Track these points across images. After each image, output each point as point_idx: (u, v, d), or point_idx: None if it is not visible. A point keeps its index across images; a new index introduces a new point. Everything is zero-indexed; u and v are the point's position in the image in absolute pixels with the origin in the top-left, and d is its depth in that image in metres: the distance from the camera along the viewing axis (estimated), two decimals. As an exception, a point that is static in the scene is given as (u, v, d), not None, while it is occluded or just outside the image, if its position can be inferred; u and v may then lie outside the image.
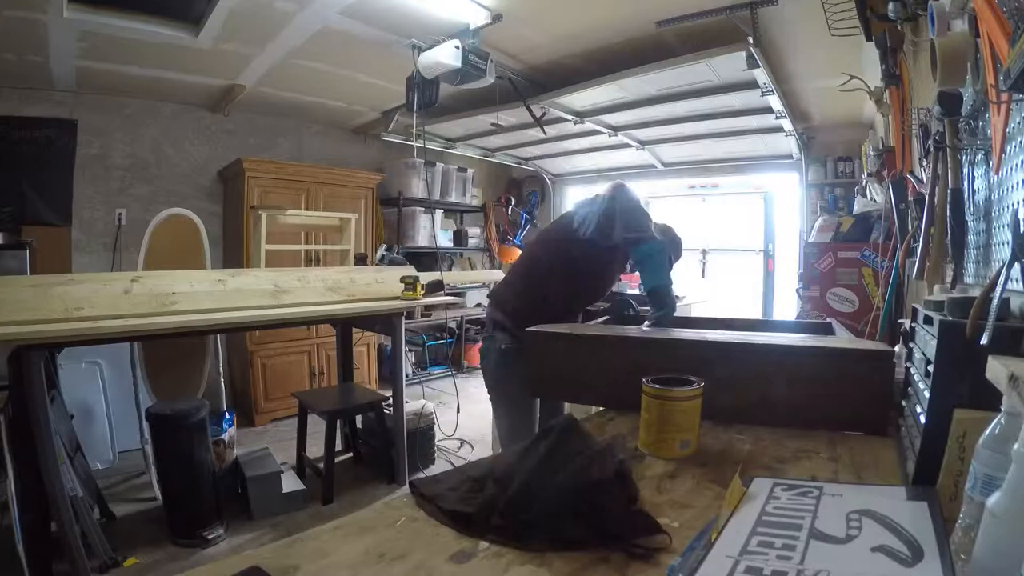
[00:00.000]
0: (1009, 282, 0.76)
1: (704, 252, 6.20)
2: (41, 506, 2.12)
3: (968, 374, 0.68)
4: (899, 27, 2.02)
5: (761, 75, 3.24)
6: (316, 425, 3.26)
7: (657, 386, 1.04)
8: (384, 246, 4.89)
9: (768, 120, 4.25)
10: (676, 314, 1.89)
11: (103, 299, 2.43)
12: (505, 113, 4.47)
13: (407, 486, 1.08)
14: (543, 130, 4.57)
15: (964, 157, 1.33)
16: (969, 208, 1.32)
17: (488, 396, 2.10)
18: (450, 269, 6.45)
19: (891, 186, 2.14)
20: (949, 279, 1.39)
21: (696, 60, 3.21)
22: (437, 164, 5.99)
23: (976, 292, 0.82)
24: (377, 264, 4.21)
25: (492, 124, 4.79)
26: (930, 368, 0.79)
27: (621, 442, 1.10)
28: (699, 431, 1.05)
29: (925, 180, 1.59)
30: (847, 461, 0.96)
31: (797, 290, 4.05)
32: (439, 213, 6.02)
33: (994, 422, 0.55)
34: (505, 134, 5.24)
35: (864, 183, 3.72)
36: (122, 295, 2.50)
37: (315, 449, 3.35)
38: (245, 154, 4.53)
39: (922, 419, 0.79)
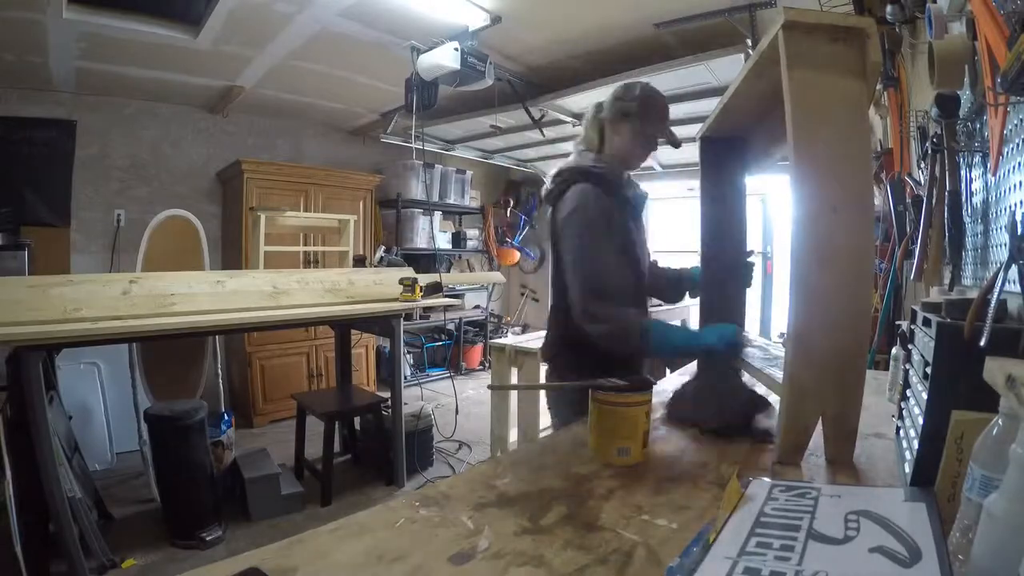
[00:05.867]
0: (1007, 284, 0.76)
1: (703, 254, 6.19)
2: (39, 507, 2.11)
3: (966, 376, 0.67)
4: (897, 29, 2.03)
5: (760, 77, 3.25)
6: (314, 427, 3.26)
7: (600, 391, 1.04)
8: (383, 247, 4.90)
9: (767, 122, 4.26)
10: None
11: (102, 300, 2.42)
12: (504, 115, 4.47)
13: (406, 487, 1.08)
14: (542, 132, 4.57)
15: (962, 159, 1.33)
16: (967, 210, 1.32)
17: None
18: (448, 271, 6.46)
19: (889, 188, 2.14)
20: (947, 281, 1.39)
21: (695, 62, 3.22)
22: (436, 166, 5.99)
23: (974, 294, 0.82)
24: (376, 266, 4.22)
25: (491, 126, 4.80)
26: (928, 370, 0.79)
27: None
28: (646, 439, 1.03)
29: (923, 182, 1.60)
30: (845, 462, 0.96)
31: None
32: (438, 215, 6.03)
33: (992, 423, 0.55)
34: (504, 136, 5.24)
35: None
36: (121, 296, 2.50)
37: (313, 450, 3.35)
38: (244, 155, 4.53)
39: (920, 421, 0.79)
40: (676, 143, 1.66)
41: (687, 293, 1.84)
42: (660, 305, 2.34)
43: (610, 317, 1.44)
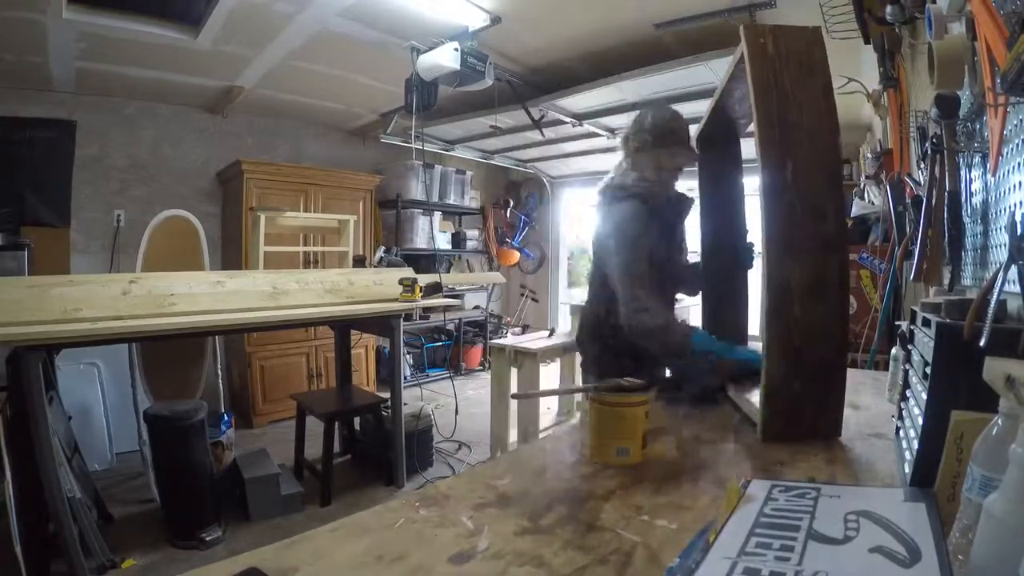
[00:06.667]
0: (1006, 284, 0.76)
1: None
2: (39, 507, 2.11)
3: (965, 376, 0.68)
4: (897, 30, 2.03)
5: (759, 78, 3.25)
6: (314, 427, 3.26)
7: (600, 392, 1.04)
8: (382, 248, 4.90)
9: (766, 123, 4.25)
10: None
11: (101, 300, 2.42)
12: (504, 115, 4.47)
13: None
14: (542, 132, 4.57)
15: (961, 159, 1.34)
16: (966, 210, 1.32)
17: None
18: (448, 271, 6.46)
19: (889, 188, 2.14)
20: (947, 281, 1.39)
21: (695, 63, 3.22)
22: (436, 166, 5.99)
23: (973, 294, 0.82)
24: (375, 266, 4.22)
25: (491, 126, 4.80)
26: (928, 370, 0.79)
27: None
28: (645, 440, 1.02)
29: (923, 182, 1.60)
30: (845, 462, 0.96)
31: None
32: (437, 215, 6.03)
33: (991, 423, 0.55)
34: (504, 136, 5.25)
35: (862, 185, 3.72)
36: (120, 296, 2.50)
37: (313, 451, 3.35)
38: (244, 155, 4.53)
39: (920, 421, 0.79)
40: (695, 161, 1.80)
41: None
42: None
43: (657, 316, 1.57)
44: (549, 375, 4.12)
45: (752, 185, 1.44)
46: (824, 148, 1.07)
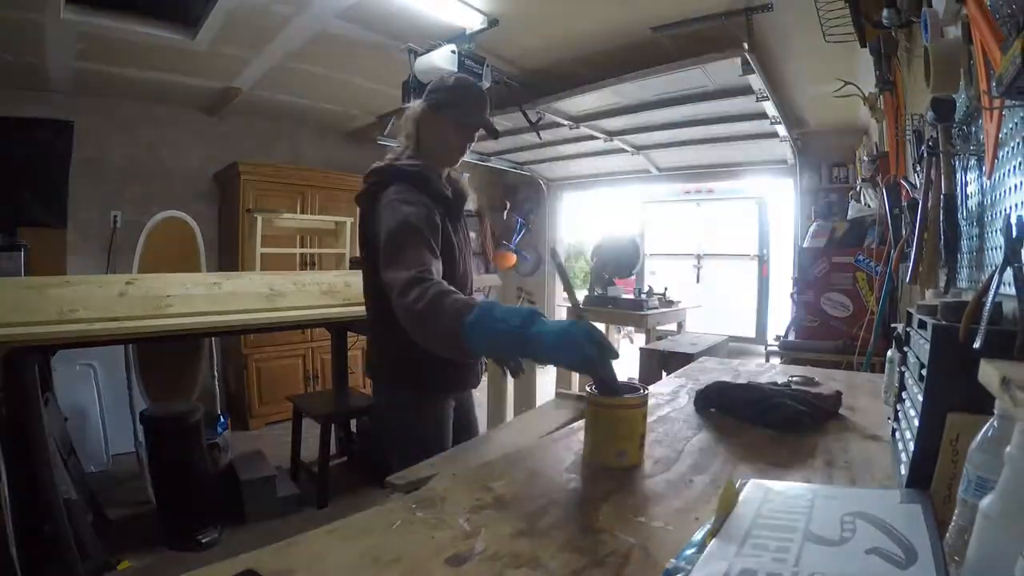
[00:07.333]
0: (1001, 286, 0.77)
1: (699, 257, 6.22)
2: (35, 509, 2.10)
3: (961, 378, 0.68)
4: (893, 33, 2.04)
5: (756, 81, 3.26)
6: (311, 429, 3.25)
7: (597, 393, 1.00)
8: (380, 250, 4.89)
9: (763, 126, 4.28)
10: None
11: (98, 301, 2.42)
12: (501, 117, 4.47)
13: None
14: (539, 135, 4.58)
15: (957, 162, 1.34)
16: (962, 213, 1.33)
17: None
18: (446, 273, 6.45)
19: (885, 191, 2.15)
20: (942, 284, 1.39)
21: (692, 66, 3.23)
22: (433, 168, 5.98)
23: (969, 296, 0.82)
24: (373, 267, 4.21)
25: (488, 128, 4.80)
26: (923, 372, 0.79)
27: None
28: (642, 442, 1.00)
29: (918, 185, 1.60)
30: (841, 464, 0.97)
31: (792, 295, 4.06)
32: (435, 217, 6.01)
33: (987, 425, 0.55)
34: (500, 139, 5.24)
35: (858, 188, 3.74)
36: (117, 297, 2.49)
37: (310, 453, 3.34)
38: (241, 157, 4.52)
39: (916, 423, 0.80)
40: (495, 133, 1.65)
41: None
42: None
43: (425, 294, 1.16)
44: (545, 377, 4.12)
45: (750, 190, 1.42)
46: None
